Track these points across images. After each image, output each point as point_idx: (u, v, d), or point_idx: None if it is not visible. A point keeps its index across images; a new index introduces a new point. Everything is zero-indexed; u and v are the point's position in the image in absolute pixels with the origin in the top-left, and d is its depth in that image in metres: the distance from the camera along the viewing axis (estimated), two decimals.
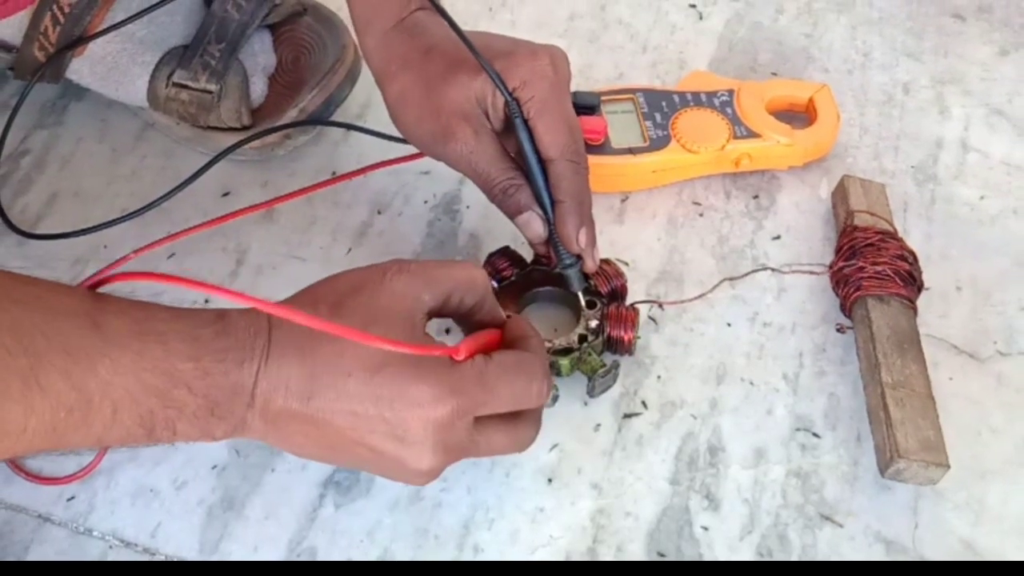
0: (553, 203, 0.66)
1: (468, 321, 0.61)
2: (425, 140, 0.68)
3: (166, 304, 0.54)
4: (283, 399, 0.54)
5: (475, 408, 0.55)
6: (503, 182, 0.66)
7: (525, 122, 0.65)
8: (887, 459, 0.64)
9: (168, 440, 0.53)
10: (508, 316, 0.62)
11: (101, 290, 0.54)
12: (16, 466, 0.64)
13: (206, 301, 0.69)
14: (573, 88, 0.68)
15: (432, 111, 0.66)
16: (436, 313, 0.58)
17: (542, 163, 0.66)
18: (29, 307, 0.49)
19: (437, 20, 0.66)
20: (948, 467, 0.63)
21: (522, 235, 0.68)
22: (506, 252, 0.73)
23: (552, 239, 0.67)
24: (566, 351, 0.68)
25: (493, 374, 0.56)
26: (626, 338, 0.69)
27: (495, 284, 0.71)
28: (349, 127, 0.80)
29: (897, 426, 0.64)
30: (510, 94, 0.64)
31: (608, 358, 0.69)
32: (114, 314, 0.51)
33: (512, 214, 0.67)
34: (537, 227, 0.66)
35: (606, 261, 0.72)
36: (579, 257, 0.68)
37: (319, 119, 0.80)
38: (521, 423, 0.60)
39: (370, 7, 0.69)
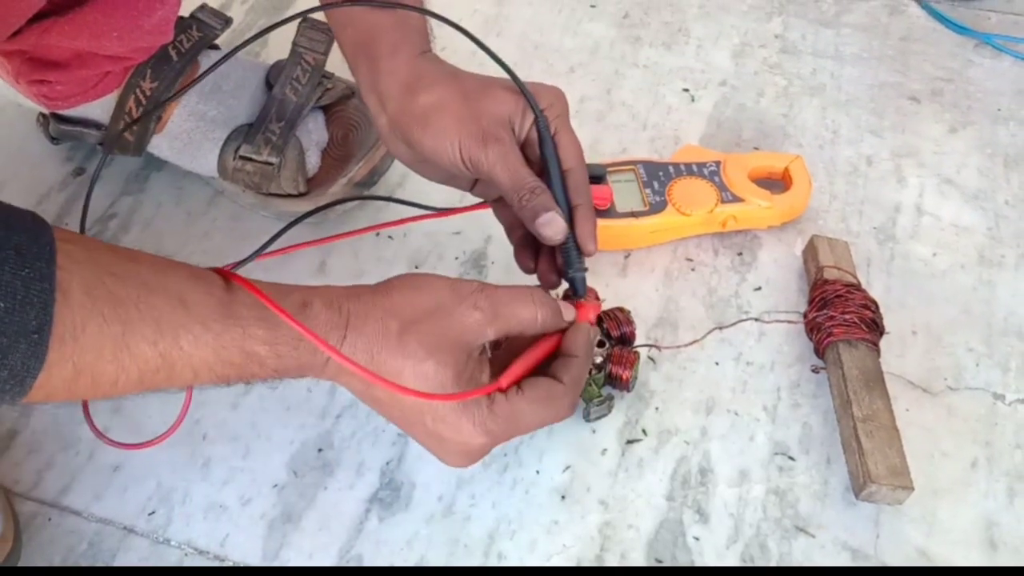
0: (571, 207, 0.66)
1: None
2: (465, 142, 0.65)
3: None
4: (347, 381, 0.58)
5: (504, 439, 0.60)
6: (532, 183, 0.65)
7: (552, 136, 0.66)
8: (860, 484, 0.66)
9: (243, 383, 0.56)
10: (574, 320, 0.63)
11: None
12: (99, 433, 0.61)
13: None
14: None
15: (473, 117, 0.65)
16: (493, 340, 0.60)
17: (561, 172, 0.66)
18: (125, 282, 0.49)
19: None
20: (913, 489, 0.65)
21: (538, 234, 0.65)
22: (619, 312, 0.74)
23: (565, 244, 0.65)
24: None
25: (525, 413, 0.59)
26: (624, 376, 0.71)
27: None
28: (388, 200, 0.80)
29: (868, 455, 0.66)
30: (540, 111, 0.65)
31: (608, 391, 0.71)
32: (203, 294, 0.52)
33: (535, 215, 0.64)
34: (560, 225, 0.64)
35: (620, 309, 0.73)
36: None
37: (365, 195, 0.82)
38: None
39: (399, 36, 0.68)
